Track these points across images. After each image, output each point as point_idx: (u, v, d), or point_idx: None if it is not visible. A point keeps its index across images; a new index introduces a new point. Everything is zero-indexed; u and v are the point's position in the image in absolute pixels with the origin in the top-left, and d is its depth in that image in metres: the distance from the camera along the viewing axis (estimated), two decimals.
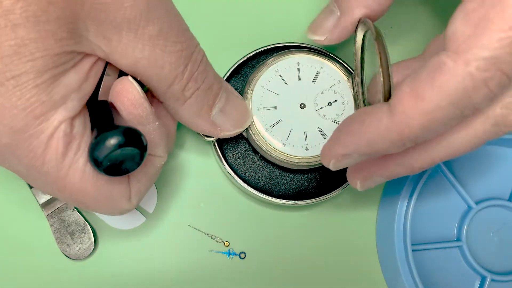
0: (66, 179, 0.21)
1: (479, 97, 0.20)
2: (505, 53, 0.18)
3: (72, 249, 0.32)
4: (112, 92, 0.23)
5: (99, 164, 0.21)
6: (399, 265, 0.32)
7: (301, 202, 0.32)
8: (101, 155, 0.20)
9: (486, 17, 0.19)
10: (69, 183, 0.22)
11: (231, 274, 0.33)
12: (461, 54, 0.19)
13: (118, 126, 0.21)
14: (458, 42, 0.19)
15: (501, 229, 0.35)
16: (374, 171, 0.26)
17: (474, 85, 0.19)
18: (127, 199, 0.24)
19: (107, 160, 0.20)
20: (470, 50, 0.19)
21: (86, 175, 0.22)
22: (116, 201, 0.24)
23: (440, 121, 0.20)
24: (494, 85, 0.19)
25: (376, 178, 0.26)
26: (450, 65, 0.19)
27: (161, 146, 0.25)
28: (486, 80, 0.19)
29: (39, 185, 0.22)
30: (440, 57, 0.20)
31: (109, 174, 0.21)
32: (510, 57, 0.18)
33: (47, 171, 0.21)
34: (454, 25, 0.20)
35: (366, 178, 0.27)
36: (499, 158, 0.36)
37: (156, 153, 0.25)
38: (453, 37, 0.20)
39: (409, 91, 0.21)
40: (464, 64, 0.19)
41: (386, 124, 0.21)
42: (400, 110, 0.21)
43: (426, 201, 0.35)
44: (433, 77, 0.20)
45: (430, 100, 0.20)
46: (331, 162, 0.25)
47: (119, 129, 0.21)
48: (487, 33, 0.19)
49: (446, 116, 0.20)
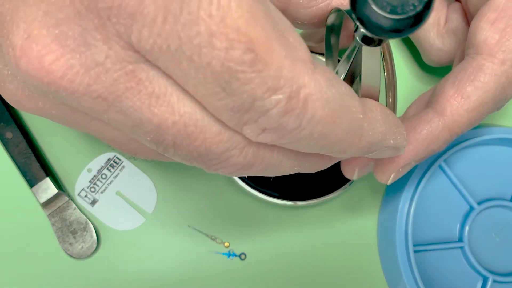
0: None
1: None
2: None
3: (74, 248, 0.32)
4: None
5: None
6: (400, 266, 0.32)
7: (301, 203, 0.32)
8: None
9: (509, 23, 0.23)
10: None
11: (231, 275, 0.33)
12: (496, 56, 0.23)
13: None
14: (491, 46, 0.23)
15: (503, 230, 0.34)
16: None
17: (509, 81, 0.23)
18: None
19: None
20: (503, 52, 0.23)
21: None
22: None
23: (482, 116, 0.24)
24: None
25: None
26: (488, 65, 0.23)
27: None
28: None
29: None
30: (477, 60, 0.23)
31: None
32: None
33: None
34: (483, 33, 0.24)
35: (366, 164, 0.26)
36: (502, 159, 0.35)
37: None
38: (484, 42, 0.23)
39: (454, 92, 0.23)
40: (500, 63, 0.23)
41: (438, 126, 0.24)
42: (449, 111, 0.23)
43: (427, 202, 0.34)
44: (474, 78, 0.23)
45: (475, 98, 0.23)
46: (391, 176, 0.25)
47: None
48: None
49: (487, 110, 0.24)
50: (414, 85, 0.37)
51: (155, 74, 0.14)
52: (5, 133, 0.32)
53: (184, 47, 0.13)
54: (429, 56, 0.31)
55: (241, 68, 0.13)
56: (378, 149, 0.18)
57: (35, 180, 0.32)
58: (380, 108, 0.18)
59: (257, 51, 0.13)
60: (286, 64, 0.14)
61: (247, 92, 0.14)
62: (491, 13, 0.24)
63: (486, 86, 0.23)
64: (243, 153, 0.16)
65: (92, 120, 0.17)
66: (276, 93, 0.14)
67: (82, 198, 0.33)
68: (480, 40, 0.24)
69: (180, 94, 0.15)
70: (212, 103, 0.14)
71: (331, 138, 0.15)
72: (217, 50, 0.13)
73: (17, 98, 0.17)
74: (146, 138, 0.16)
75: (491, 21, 0.24)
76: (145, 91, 0.14)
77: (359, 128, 0.16)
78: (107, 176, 0.33)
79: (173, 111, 0.15)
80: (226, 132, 0.16)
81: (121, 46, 0.14)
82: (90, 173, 0.33)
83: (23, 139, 0.32)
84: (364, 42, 0.19)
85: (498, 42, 0.23)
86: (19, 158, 0.32)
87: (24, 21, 0.14)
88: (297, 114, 0.14)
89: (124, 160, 0.34)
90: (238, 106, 0.14)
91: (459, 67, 0.24)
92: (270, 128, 0.15)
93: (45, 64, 0.14)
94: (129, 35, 0.13)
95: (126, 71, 0.14)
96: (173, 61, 0.13)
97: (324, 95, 0.15)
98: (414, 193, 0.32)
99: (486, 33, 0.24)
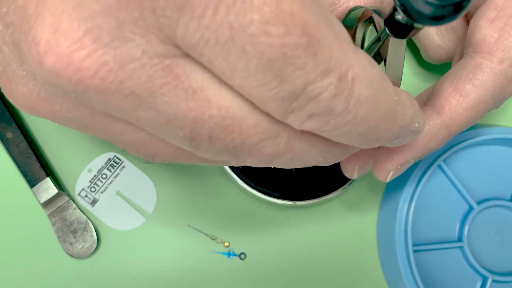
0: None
1: (510, 90, 0.24)
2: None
3: (75, 248, 0.32)
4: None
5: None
6: (400, 266, 0.32)
7: (301, 203, 0.32)
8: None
9: (508, 22, 0.23)
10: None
11: (231, 275, 0.33)
12: (495, 54, 0.23)
13: None
14: (489, 44, 0.23)
15: (502, 230, 0.34)
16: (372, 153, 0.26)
17: (507, 79, 0.23)
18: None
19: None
20: (502, 50, 0.23)
21: None
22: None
23: (481, 114, 0.24)
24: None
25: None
26: (487, 64, 0.23)
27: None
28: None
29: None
30: (476, 59, 0.23)
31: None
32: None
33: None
34: (482, 31, 0.24)
35: (366, 163, 0.27)
36: (501, 158, 0.35)
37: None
38: (483, 41, 0.24)
39: (452, 91, 0.24)
40: (498, 62, 0.23)
41: (436, 124, 0.24)
42: (447, 109, 0.24)
43: (427, 202, 0.34)
44: (473, 76, 0.23)
45: (474, 97, 0.23)
46: (390, 174, 0.25)
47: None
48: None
49: (485, 109, 0.24)
50: (414, 82, 0.37)
51: (192, 67, 0.14)
52: (5, 133, 0.32)
53: (236, 38, 0.12)
54: (428, 53, 0.31)
55: (297, 53, 0.13)
56: (405, 134, 0.18)
57: (35, 180, 0.32)
58: (406, 92, 0.18)
59: (312, 34, 0.13)
60: (335, 46, 0.14)
61: (300, 78, 0.13)
62: (491, 11, 0.24)
63: (484, 84, 0.23)
64: (275, 142, 0.16)
65: (113, 123, 0.16)
66: (328, 75, 0.14)
67: (83, 198, 0.33)
68: (479, 38, 0.24)
69: (218, 87, 0.14)
70: (260, 94, 0.14)
71: (371, 122, 0.15)
72: (273, 37, 0.13)
73: (31, 102, 0.16)
74: (179, 134, 0.15)
75: (490, 19, 0.24)
76: (182, 86, 0.14)
77: (394, 111, 0.16)
78: (107, 176, 0.33)
79: (210, 105, 0.14)
80: (263, 122, 0.15)
81: (161, 40, 0.13)
82: (90, 173, 0.33)
83: (23, 139, 0.32)
84: (393, 32, 0.19)
85: (497, 40, 0.23)
86: (19, 158, 0.32)
87: (52, 14, 0.13)
88: (346, 96, 0.14)
89: (124, 160, 0.34)
90: (289, 94, 0.14)
91: (458, 65, 0.25)
92: (318, 113, 0.14)
93: (75, 61, 0.13)
94: (174, 29, 0.12)
95: (163, 66, 0.13)
96: (221, 55, 0.13)
97: (368, 75, 0.15)
98: (414, 193, 0.32)
99: (485, 31, 0.24)
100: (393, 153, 0.25)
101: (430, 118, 0.24)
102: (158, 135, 0.16)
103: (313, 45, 0.13)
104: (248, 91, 0.14)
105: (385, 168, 0.25)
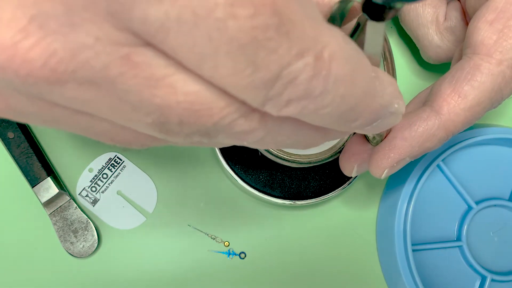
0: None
1: (508, 91, 0.24)
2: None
3: (76, 247, 0.32)
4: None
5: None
6: (399, 265, 0.32)
7: (301, 202, 0.32)
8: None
9: (507, 24, 0.23)
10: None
11: (231, 274, 0.33)
12: (493, 56, 0.23)
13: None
14: (488, 46, 0.23)
15: (501, 229, 0.35)
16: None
17: (506, 81, 0.23)
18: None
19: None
20: (500, 52, 0.23)
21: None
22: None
23: (479, 115, 0.24)
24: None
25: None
26: (485, 65, 0.23)
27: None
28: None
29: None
30: (474, 60, 0.24)
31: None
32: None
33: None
34: (481, 33, 0.24)
35: (364, 160, 0.27)
36: (500, 158, 0.35)
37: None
38: (482, 43, 0.24)
39: (451, 91, 0.24)
40: (497, 64, 0.23)
41: (434, 124, 0.24)
42: (445, 110, 0.24)
43: (426, 201, 0.34)
44: (471, 78, 0.23)
45: (472, 98, 0.23)
46: (385, 171, 0.25)
47: None
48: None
49: (483, 110, 0.24)
50: (414, 81, 0.37)
51: (155, 55, 0.13)
52: (6, 133, 0.32)
53: (201, 25, 0.11)
54: (427, 53, 0.31)
55: (268, 34, 0.12)
56: (384, 115, 0.17)
57: (36, 179, 0.32)
58: (384, 72, 0.18)
59: (282, 12, 0.12)
60: (308, 24, 0.13)
61: (275, 62, 0.12)
62: (490, 13, 0.24)
63: (482, 85, 0.23)
64: (248, 119, 0.15)
65: (75, 115, 0.15)
66: (304, 55, 0.13)
67: (83, 197, 0.33)
68: (477, 40, 0.24)
69: (184, 74, 0.13)
70: (233, 84, 0.13)
71: (350, 101, 0.15)
72: (242, 20, 0.11)
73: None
74: (147, 120, 0.14)
75: (489, 21, 0.24)
76: (143, 75, 0.13)
77: (373, 87, 0.16)
78: (108, 175, 0.34)
79: (176, 91, 0.13)
80: (234, 103, 0.14)
81: (116, 27, 0.12)
82: (91, 173, 0.33)
83: (24, 139, 0.32)
84: (371, 15, 0.18)
85: (495, 42, 0.23)
86: (20, 158, 0.32)
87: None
88: (324, 76, 0.13)
89: (125, 160, 0.34)
90: (265, 82, 0.13)
91: (456, 66, 0.25)
92: (295, 98, 0.13)
93: (20, 52, 0.12)
94: (129, 16, 0.11)
95: (121, 55, 0.12)
96: (185, 44, 0.12)
97: (345, 52, 0.14)
98: (413, 193, 0.32)
99: (484, 33, 0.24)
100: (389, 150, 0.25)
101: (428, 118, 0.24)
102: (124, 124, 0.15)
103: (285, 24, 0.12)
104: (219, 81, 0.13)
105: (381, 165, 0.25)
